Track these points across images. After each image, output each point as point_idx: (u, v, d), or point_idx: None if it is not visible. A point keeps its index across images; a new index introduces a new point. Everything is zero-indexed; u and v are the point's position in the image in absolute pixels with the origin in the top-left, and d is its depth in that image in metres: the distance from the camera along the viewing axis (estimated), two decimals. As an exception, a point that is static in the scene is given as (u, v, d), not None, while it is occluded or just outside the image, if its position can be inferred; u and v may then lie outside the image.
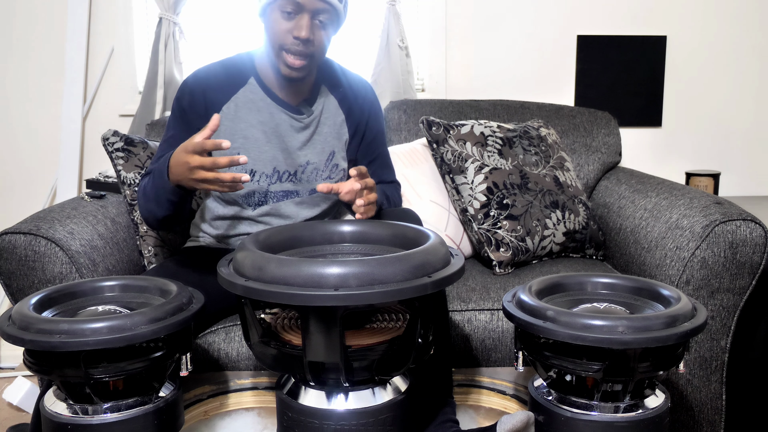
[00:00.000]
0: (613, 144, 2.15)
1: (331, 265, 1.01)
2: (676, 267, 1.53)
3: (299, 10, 1.37)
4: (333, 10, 1.39)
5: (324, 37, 1.42)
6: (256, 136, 1.50)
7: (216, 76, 1.50)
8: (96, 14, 2.33)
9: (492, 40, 2.38)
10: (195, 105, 1.47)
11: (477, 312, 1.56)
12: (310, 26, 1.38)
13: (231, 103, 1.49)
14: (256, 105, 1.50)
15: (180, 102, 1.49)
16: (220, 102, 1.48)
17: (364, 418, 1.10)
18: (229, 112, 1.49)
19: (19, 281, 1.47)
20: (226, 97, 1.49)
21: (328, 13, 1.39)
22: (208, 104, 1.48)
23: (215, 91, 1.48)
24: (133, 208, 1.73)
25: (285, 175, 1.54)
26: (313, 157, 1.55)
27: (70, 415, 1.09)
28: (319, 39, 1.41)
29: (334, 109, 1.58)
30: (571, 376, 1.14)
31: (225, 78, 1.50)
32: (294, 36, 1.38)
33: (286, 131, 1.52)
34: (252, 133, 1.50)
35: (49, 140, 2.39)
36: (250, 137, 1.50)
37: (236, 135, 1.49)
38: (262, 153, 1.51)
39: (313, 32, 1.39)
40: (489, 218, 1.80)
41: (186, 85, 1.49)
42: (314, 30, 1.39)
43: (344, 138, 1.60)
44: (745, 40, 2.41)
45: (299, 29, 1.37)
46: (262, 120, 1.50)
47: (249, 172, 1.51)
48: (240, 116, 1.49)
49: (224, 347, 1.48)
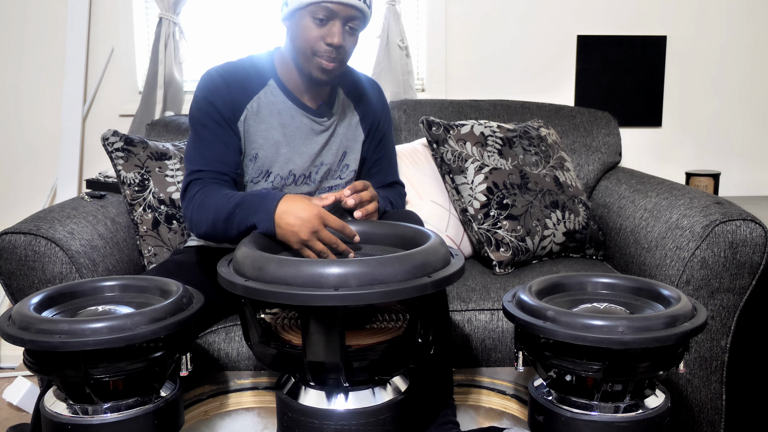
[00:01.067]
0: (613, 144, 2.15)
1: (331, 265, 1.01)
2: (676, 267, 1.53)
3: (332, 16, 1.37)
4: (363, 17, 1.40)
5: (354, 43, 1.43)
6: (276, 138, 1.49)
7: (238, 74, 1.46)
8: (96, 14, 2.33)
9: (492, 40, 2.38)
10: (223, 99, 1.43)
11: (477, 312, 1.56)
12: (342, 33, 1.38)
13: (254, 102, 1.47)
14: (277, 107, 1.49)
15: (206, 97, 1.43)
16: (243, 101, 1.45)
17: (364, 418, 1.10)
18: (252, 112, 1.47)
19: (19, 281, 1.47)
20: (248, 96, 1.46)
21: (359, 20, 1.39)
22: (234, 101, 1.44)
23: (239, 88, 1.45)
24: (133, 208, 1.73)
25: (301, 178, 1.53)
26: (327, 158, 1.55)
27: (70, 415, 1.09)
28: (349, 44, 1.41)
29: (350, 111, 1.58)
30: (571, 376, 1.14)
31: (246, 78, 1.47)
32: (327, 42, 1.37)
33: (307, 134, 1.51)
34: (272, 135, 1.48)
35: (49, 140, 2.39)
36: (270, 139, 1.48)
37: (257, 136, 1.47)
38: (279, 155, 1.50)
39: (344, 38, 1.39)
40: (489, 218, 1.80)
41: (211, 82, 1.44)
42: (345, 36, 1.39)
43: (360, 138, 1.60)
44: (745, 40, 2.41)
45: (332, 36, 1.37)
46: (282, 122, 1.49)
47: (265, 173, 1.50)
48: (261, 117, 1.47)
49: (224, 347, 1.48)
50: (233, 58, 1.52)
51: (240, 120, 1.45)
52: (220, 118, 1.42)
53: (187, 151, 1.44)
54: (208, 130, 1.42)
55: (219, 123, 1.42)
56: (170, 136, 2.05)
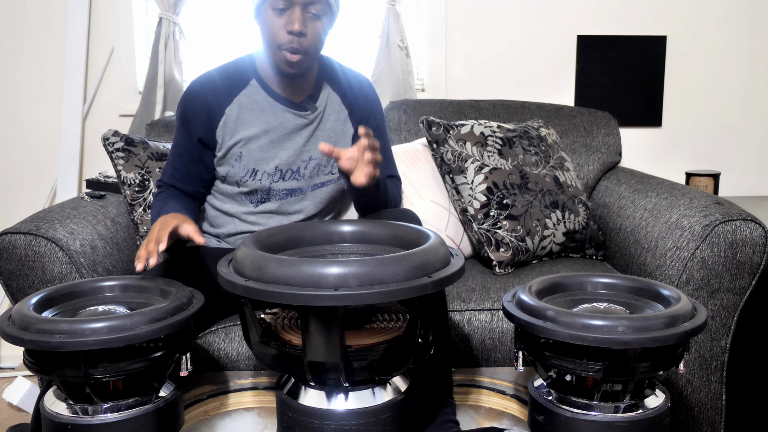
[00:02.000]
0: (613, 144, 2.15)
1: (331, 265, 1.01)
2: (676, 267, 1.53)
3: (290, 4, 1.39)
4: (324, 1, 1.40)
5: (319, 29, 1.43)
6: (259, 136, 1.51)
7: (215, 81, 1.52)
8: (96, 14, 2.33)
9: (492, 40, 2.38)
10: (197, 112, 1.50)
11: (477, 312, 1.56)
12: (303, 19, 1.39)
13: (233, 105, 1.50)
14: (259, 105, 1.51)
15: (183, 110, 1.52)
16: (222, 105, 1.50)
17: (364, 418, 1.10)
18: (232, 115, 1.50)
19: (19, 281, 1.47)
20: (227, 101, 1.50)
21: (319, 4, 1.40)
22: (210, 109, 1.50)
23: (216, 95, 1.50)
24: (133, 208, 1.73)
25: (288, 173, 1.54)
26: (315, 153, 1.56)
27: (70, 415, 1.09)
28: (312, 32, 1.41)
29: (338, 105, 1.58)
30: (571, 376, 1.14)
31: (225, 82, 1.51)
32: (288, 31, 1.39)
33: (291, 129, 1.53)
34: (255, 133, 1.50)
35: (49, 140, 2.39)
36: (253, 138, 1.50)
37: (239, 136, 1.50)
38: (265, 152, 1.52)
39: (306, 25, 1.40)
40: (489, 218, 1.80)
41: (188, 93, 1.52)
42: (307, 23, 1.40)
43: (349, 133, 1.60)
44: (745, 40, 2.41)
45: (292, 23, 1.39)
46: (265, 120, 1.51)
47: (251, 172, 1.52)
48: (243, 117, 1.50)
49: (224, 347, 1.48)
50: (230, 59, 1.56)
51: (219, 126, 1.50)
52: (190, 130, 1.51)
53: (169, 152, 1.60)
54: (179, 144, 1.54)
55: (189, 140, 1.52)
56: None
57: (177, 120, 1.54)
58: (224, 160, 1.52)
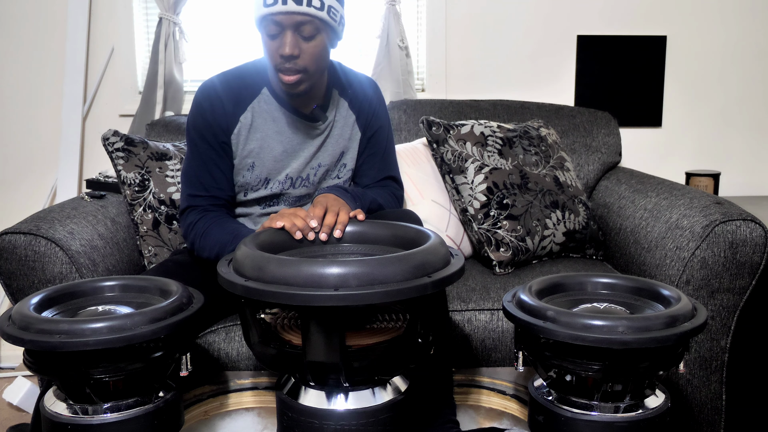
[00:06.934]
0: (613, 144, 2.15)
1: (331, 265, 1.01)
2: (676, 267, 1.53)
3: (281, 28, 1.35)
4: (316, 20, 1.35)
5: (315, 49, 1.38)
6: (272, 146, 1.50)
7: (231, 86, 1.48)
8: (96, 14, 2.33)
9: (492, 40, 2.38)
10: (216, 116, 1.46)
11: (477, 312, 1.56)
12: (294, 42, 1.35)
13: (248, 113, 1.48)
14: (272, 115, 1.50)
15: (201, 117, 1.47)
16: (237, 113, 1.47)
17: (364, 418, 1.10)
18: (246, 123, 1.48)
19: (19, 281, 1.47)
20: (242, 108, 1.48)
21: (311, 24, 1.35)
22: (227, 114, 1.47)
23: (233, 101, 1.47)
24: (133, 208, 1.73)
25: (298, 180, 1.54)
26: (325, 160, 1.56)
27: (70, 415, 1.09)
28: (307, 52, 1.37)
29: (346, 111, 1.58)
30: (571, 376, 1.14)
31: (241, 87, 1.49)
32: (280, 55, 1.37)
33: (303, 139, 1.52)
34: (268, 143, 1.50)
35: (49, 140, 2.39)
36: (266, 147, 1.50)
37: (252, 145, 1.49)
38: (277, 163, 1.51)
39: (299, 47, 1.36)
40: (489, 218, 1.80)
41: (203, 99, 1.47)
42: (299, 44, 1.36)
43: (357, 137, 1.60)
44: (745, 40, 2.40)
45: (283, 47, 1.35)
46: (278, 130, 1.50)
47: (263, 181, 1.52)
48: (256, 126, 1.49)
49: (224, 347, 1.48)
50: (233, 59, 1.53)
51: (234, 133, 1.48)
52: (215, 140, 1.47)
53: (185, 168, 1.51)
54: (203, 151, 1.48)
55: (213, 145, 1.47)
56: (170, 136, 2.05)
57: (192, 133, 1.48)
58: (236, 170, 1.51)
